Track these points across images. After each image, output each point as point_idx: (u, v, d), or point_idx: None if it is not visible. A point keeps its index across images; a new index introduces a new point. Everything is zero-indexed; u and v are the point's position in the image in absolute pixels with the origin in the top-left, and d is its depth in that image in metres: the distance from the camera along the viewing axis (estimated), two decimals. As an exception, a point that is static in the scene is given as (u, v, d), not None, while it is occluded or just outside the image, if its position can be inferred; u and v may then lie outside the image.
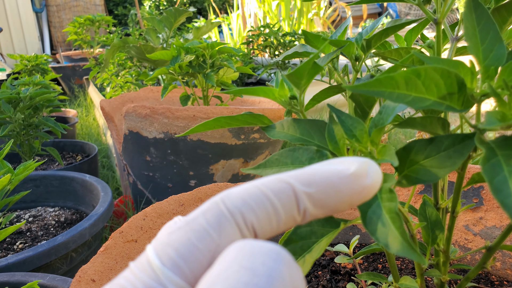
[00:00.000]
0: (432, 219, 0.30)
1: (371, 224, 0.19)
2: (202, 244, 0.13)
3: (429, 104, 0.22)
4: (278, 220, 0.13)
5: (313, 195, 0.14)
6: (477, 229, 0.39)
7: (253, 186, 0.14)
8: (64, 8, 4.71)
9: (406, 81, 0.21)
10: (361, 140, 0.23)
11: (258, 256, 0.11)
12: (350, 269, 0.39)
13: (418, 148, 0.23)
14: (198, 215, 0.13)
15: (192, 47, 0.76)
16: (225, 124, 0.28)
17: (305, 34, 0.28)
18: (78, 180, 0.78)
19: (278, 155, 0.25)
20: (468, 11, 0.24)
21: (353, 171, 0.14)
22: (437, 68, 0.21)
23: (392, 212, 0.19)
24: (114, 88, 1.51)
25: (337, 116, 0.24)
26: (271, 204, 0.13)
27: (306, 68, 0.24)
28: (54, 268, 0.58)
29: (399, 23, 0.29)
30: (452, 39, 0.31)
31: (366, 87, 0.21)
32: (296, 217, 0.14)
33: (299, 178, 0.14)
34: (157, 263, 0.12)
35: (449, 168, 0.21)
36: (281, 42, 1.58)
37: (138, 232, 0.44)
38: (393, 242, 0.18)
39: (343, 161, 0.15)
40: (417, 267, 0.31)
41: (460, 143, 0.21)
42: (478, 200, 0.40)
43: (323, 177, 0.14)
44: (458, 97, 0.22)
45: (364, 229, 0.43)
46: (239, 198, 0.13)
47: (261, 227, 0.13)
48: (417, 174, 0.23)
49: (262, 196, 0.13)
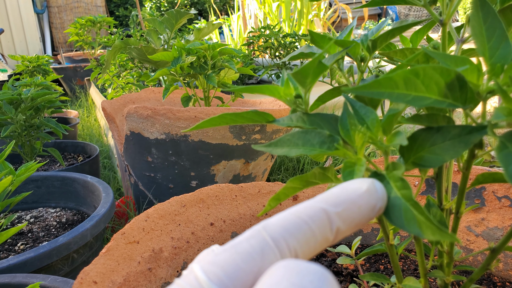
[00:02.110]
0: (437, 220, 0.30)
1: (396, 218, 0.19)
2: (246, 266, 0.14)
3: (430, 102, 0.22)
4: (315, 242, 0.15)
5: (341, 214, 0.16)
6: (479, 230, 0.39)
7: (290, 214, 0.15)
8: (65, 9, 4.73)
9: (405, 81, 0.21)
10: (372, 128, 0.24)
11: (306, 274, 0.12)
12: (352, 270, 0.39)
13: (425, 136, 0.23)
14: (243, 240, 0.15)
15: (193, 48, 0.76)
16: (230, 121, 0.28)
17: (311, 34, 0.28)
18: (80, 181, 0.78)
19: (290, 135, 0.25)
20: (475, 10, 0.24)
21: (366, 188, 0.17)
22: (436, 67, 0.21)
23: (409, 200, 0.20)
24: (116, 89, 1.51)
25: (352, 105, 0.24)
26: (309, 228, 0.15)
27: (311, 66, 0.24)
28: (55, 269, 0.58)
29: (405, 24, 0.29)
30: (457, 41, 0.31)
31: (366, 88, 0.22)
32: (329, 237, 0.16)
33: (328, 201, 0.16)
34: (204, 278, 0.13)
35: (451, 155, 0.21)
36: (282, 43, 1.58)
37: (140, 234, 0.44)
38: (424, 229, 0.18)
39: (354, 182, 0.17)
40: (421, 268, 0.31)
41: (468, 134, 0.22)
42: (480, 201, 0.40)
43: (346, 197, 0.16)
44: (460, 95, 0.22)
45: (366, 230, 0.43)
46: (280, 226, 0.15)
47: (302, 251, 0.15)
48: (422, 160, 0.23)
49: (300, 222, 0.15)
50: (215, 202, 0.48)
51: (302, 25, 2.63)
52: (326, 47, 0.24)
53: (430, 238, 0.17)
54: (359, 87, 0.22)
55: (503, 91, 0.17)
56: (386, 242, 0.30)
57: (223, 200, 0.48)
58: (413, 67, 0.21)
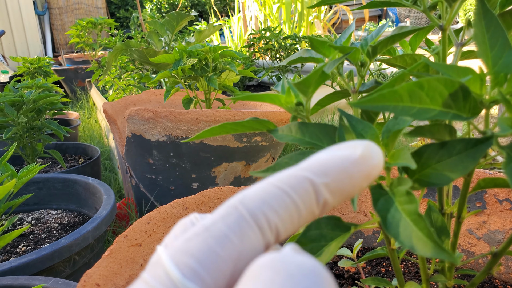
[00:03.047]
0: (438, 225, 0.30)
1: (392, 228, 0.19)
2: (224, 252, 0.12)
3: (435, 115, 0.22)
4: (299, 217, 0.13)
5: (329, 184, 0.13)
6: (480, 233, 0.39)
7: (270, 185, 0.13)
8: (66, 11, 4.74)
9: (409, 94, 0.21)
10: None
11: (299, 279, 0.10)
12: (353, 273, 0.39)
13: (430, 152, 0.23)
14: (217, 220, 0.12)
15: (194, 51, 0.77)
16: (230, 130, 0.29)
17: (311, 40, 0.29)
18: (81, 182, 0.78)
19: (288, 158, 0.25)
20: (477, 18, 0.24)
21: (360, 153, 0.14)
22: (440, 79, 0.22)
23: (413, 214, 0.20)
24: (117, 91, 1.51)
25: (348, 120, 0.24)
26: (292, 201, 0.13)
27: (314, 77, 0.24)
28: (57, 271, 0.58)
29: (405, 30, 0.29)
30: (457, 44, 0.32)
31: (370, 102, 0.22)
32: (315, 210, 0.13)
33: (313, 170, 0.13)
34: (176, 274, 0.11)
35: (461, 171, 0.21)
36: (282, 45, 1.59)
37: (142, 236, 0.44)
38: (418, 244, 0.18)
39: (346, 146, 0.15)
40: (423, 273, 0.31)
41: (473, 147, 0.21)
42: (481, 204, 0.40)
43: (335, 165, 0.14)
44: (464, 105, 0.22)
45: (367, 233, 0.43)
46: (259, 199, 0.13)
47: (284, 227, 0.13)
48: (429, 178, 0.23)
49: (282, 194, 0.13)
50: (217, 205, 0.48)
51: (303, 26, 2.64)
52: (330, 56, 0.25)
53: (421, 254, 0.17)
54: (363, 101, 0.22)
55: (506, 100, 0.17)
56: (388, 247, 0.31)
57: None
58: (417, 80, 0.21)
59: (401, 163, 0.23)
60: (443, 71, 0.24)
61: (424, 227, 0.19)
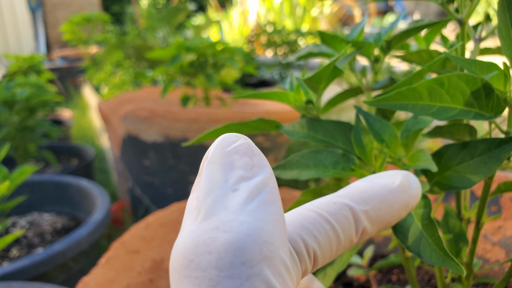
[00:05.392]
0: (456, 231, 0.29)
1: (402, 232, 0.19)
2: None
3: (456, 114, 0.21)
4: (338, 244, 0.13)
5: (369, 212, 0.13)
6: (496, 239, 0.38)
7: (308, 210, 0.13)
8: (60, 7, 4.67)
9: (429, 92, 0.20)
10: (390, 145, 0.22)
11: None
12: (364, 282, 0.37)
13: (451, 153, 0.22)
14: None
15: (193, 46, 0.74)
16: (235, 131, 0.27)
17: (321, 34, 0.27)
18: (75, 185, 0.76)
19: (299, 156, 0.23)
20: (501, 11, 0.23)
21: (399, 183, 0.14)
22: (461, 75, 0.20)
23: (424, 219, 0.19)
24: (112, 89, 1.48)
25: (365, 119, 0.22)
26: (332, 228, 0.12)
27: (326, 72, 0.22)
28: (51, 277, 0.56)
29: (422, 24, 0.27)
30: (475, 40, 0.30)
31: (387, 100, 0.20)
32: (354, 238, 0.13)
33: (353, 197, 0.13)
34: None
35: (484, 174, 0.20)
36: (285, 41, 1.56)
37: (140, 243, 0.42)
38: (425, 250, 0.17)
39: (385, 175, 0.15)
40: (439, 281, 0.29)
41: (497, 148, 0.20)
42: (497, 208, 0.38)
43: (374, 193, 0.14)
44: (487, 103, 0.21)
45: (377, 240, 0.41)
46: (297, 224, 0.12)
47: (322, 254, 0.12)
48: (449, 181, 0.21)
49: (321, 220, 0.12)
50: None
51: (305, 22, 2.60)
52: (342, 51, 0.23)
53: (427, 261, 0.16)
54: (379, 99, 0.20)
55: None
56: (402, 254, 0.29)
57: (226, 207, 0.46)
58: (437, 77, 0.20)
59: (421, 165, 0.21)
60: (466, 67, 0.22)
61: (433, 234, 0.18)
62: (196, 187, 0.12)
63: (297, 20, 2.55)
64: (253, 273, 0.10)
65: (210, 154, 0.12)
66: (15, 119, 0.90)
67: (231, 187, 0.11)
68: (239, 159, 0.12)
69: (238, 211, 0.10)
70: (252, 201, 0.11)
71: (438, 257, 0.16)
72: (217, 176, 0.11)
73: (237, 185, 0.11)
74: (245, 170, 0.11)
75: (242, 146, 0.12)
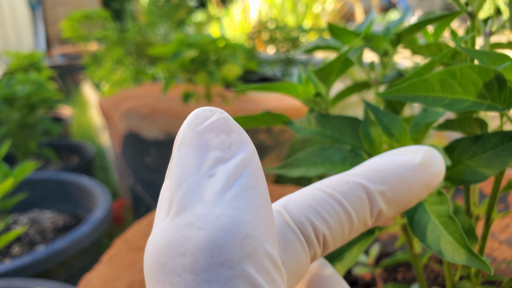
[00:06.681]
0: (465, 228, 0.28)
1: (419, 230, 0.18)
2: None
3: (468, 105, 0.21)
4: (350, 227, 0.11)
5: (386, 193, 0.12)
6: (503, 237, 0.37)
7: (318, 190, 0.12)
8: (59, 3, 4.65)
9: (441, 83, 0.19)
10: (400, 139, 0.21)
11: None
12: (369, 280, 0.37)
13: (462, 147, 0.21)
14: None
15: (195, 42, 0.74)
16: (242, 125, 0.26)
17: (331, 27, 0.26)
18: (76, 183, 0.75)
19: (306, 153, 0.23)
20: (514, 2, 0.22)
21: (420, 160, 0.13)
22: (473, 66, 0.20)
23: (443, 216, 0.18)
24: (112, 86, 1.47)
25: (374, 113, 0.22)
26: (344, 209, 0.11)
27: (337, 63, 0.21)
28: (52, 274, 0.56)
29: (433, 16, 0.27)
30: (485, 34, 0.29)
31: (399, 92, 0.20)
32: (368, 221, 0.12)
33: (368, 176, 0.12)
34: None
35: (498, 167, 0.20)
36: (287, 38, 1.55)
37: (143, 240, 0.42)
38: (447, 249, 0.17)
39: (404, 151, 0.13)
40: (448, 279, 0.29)
41: (510, 140, 0.20)
42: (504, 206, 0.38)
43: (392, 171, 0.12)
44: (499, 95, 0.21)
45: (382, 238, 0.41)
46: (306, 205, 0.11)
47: (333, 238, 0.11)
48: (462, 175, 0.21)
49: (331, 201, 0.11)
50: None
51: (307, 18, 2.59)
52: (353, 42, 0.22)
53: (450, 260, 0.16)
54: (391, 91, 0.20)
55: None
56: (410, 251, 0.28)
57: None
58: (449, 68, 0.19)
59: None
60: (478, 58, 0.22)
61: (455, 231, 0.17)
62: (169, 173, 0.10)
63: (299, 17, 2.54)
64: (234, 274, 0.09)
65: (181, 134, 0.10)
66: (16, 116, 0.89)
67: (207, 173, 0.10)
68: (215, 137, 0.10)
69: (214, 202, 0.09)
70: (231, 187, 0.10)
71: (461, 255, 0.16)
72: (190, 161, 0.10)
73: (213, 170, 0.10)
74: (222, 151, 0.10)
75: (218, 122, 0.10)
